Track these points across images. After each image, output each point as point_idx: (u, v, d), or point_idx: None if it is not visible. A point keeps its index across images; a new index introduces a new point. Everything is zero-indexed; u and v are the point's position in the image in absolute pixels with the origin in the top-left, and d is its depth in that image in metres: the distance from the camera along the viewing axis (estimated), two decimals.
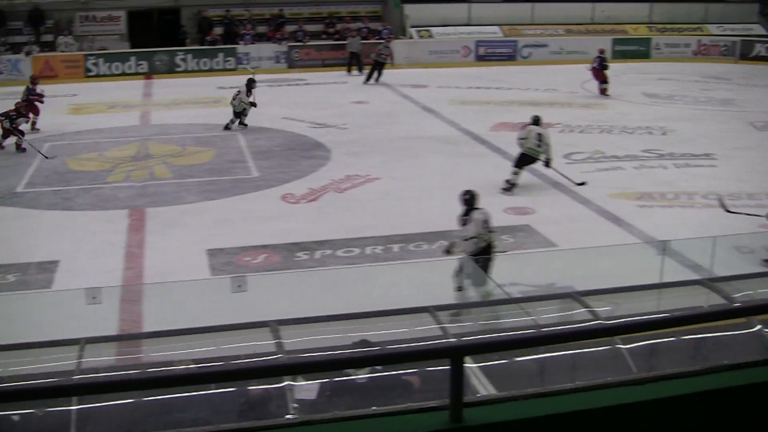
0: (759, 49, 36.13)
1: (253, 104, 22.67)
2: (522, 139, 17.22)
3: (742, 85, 30.72)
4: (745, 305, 4.61)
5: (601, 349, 5.86)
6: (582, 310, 7.03)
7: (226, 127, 22.59)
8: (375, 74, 29.78)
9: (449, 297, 8.92)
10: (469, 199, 11.87)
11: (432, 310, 7.32)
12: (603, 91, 27.64)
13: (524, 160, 17.26)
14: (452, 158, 19.75)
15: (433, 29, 34.31)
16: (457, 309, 7.87)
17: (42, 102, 22.90)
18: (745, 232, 13.75)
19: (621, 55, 34.68)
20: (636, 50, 35.83)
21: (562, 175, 17.56)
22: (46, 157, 19.40)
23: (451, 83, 29.44)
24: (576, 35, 35.38)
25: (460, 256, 11.36)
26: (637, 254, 12.63)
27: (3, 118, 20.19)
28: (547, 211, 15.98)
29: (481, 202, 13.02)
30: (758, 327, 5.86)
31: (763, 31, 37.54)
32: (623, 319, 5.07)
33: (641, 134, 22.37)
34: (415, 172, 18.59)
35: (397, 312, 7.54)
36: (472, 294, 10.48)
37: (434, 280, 11.34)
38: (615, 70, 31.29)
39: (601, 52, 28.52)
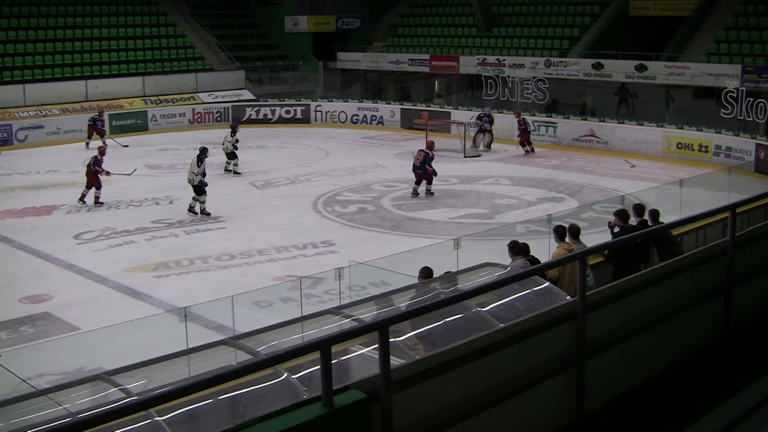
0: (250, 112, 38.34)
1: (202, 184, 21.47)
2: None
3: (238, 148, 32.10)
4: (272, 356, 4.84)
5: (140, 424, 5.83)
6: (114, 389, 6.94)
7: (191, 210, 21.55)
8: None
9: None
10: None
11: None
12: (528, 151, 29.52)
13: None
14: None
15: None
16: None
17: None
18: (260, 287, 14.42)
19: (120, 130, 34.76)
20: (134, 123, 36.15)
21: None
22: None
23: None
24: (72, 114, 34.89)
25: None
26: (162, 324, 12.74)
27: None
28: (64, 296, 15.61)
29: None
30: (285, 375, 6.16)
31: (251, 96, 39.77)
32: (156, 391, 5.09)
33: (149, 206, 22.61)
34: None
35: None
36: None
37: None
38: (112, 144, 31.29)
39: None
